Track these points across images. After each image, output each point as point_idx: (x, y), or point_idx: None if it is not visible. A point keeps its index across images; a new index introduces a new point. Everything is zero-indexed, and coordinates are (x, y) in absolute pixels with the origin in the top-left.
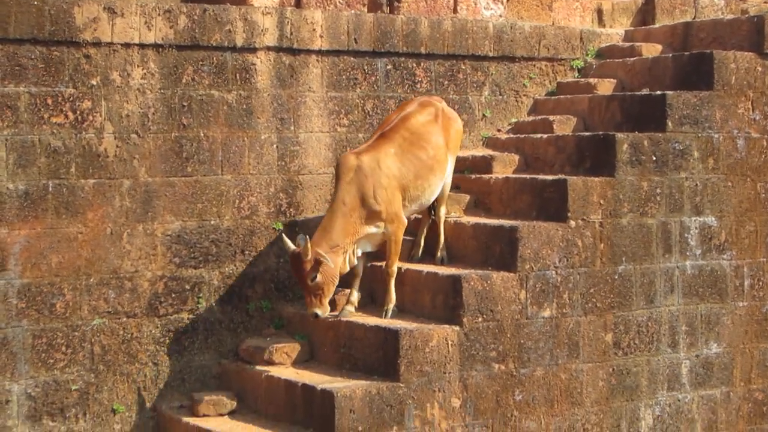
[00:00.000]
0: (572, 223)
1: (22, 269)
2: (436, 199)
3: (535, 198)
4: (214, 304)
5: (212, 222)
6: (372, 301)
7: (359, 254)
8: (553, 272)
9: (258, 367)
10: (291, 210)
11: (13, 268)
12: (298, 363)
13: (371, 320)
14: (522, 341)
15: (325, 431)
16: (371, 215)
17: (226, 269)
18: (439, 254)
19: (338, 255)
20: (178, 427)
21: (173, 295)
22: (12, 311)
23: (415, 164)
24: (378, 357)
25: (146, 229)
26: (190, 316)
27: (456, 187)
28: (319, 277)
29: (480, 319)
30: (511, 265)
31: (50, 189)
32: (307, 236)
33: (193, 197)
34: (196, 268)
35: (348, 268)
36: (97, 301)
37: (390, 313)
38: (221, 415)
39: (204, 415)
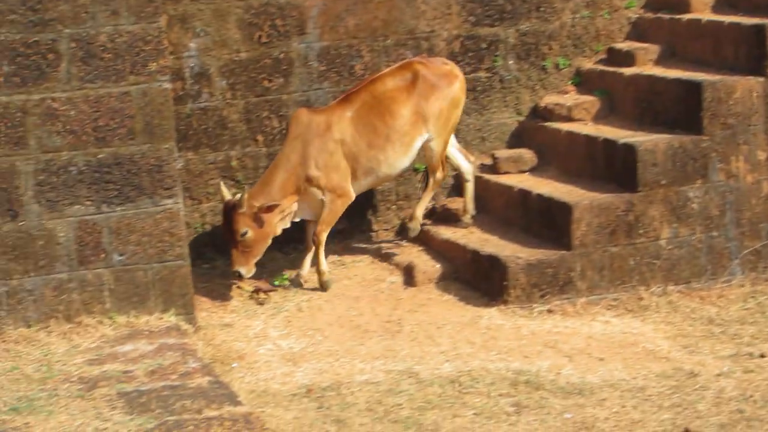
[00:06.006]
0: None
1: (320, 32)
2: (430, 165)
3: None
4: (510, 62)
5: None
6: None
7: (297, 220)
8: None
9: (557, 124)
10: None
11: (312, 31)
12: (598, 118)
13: (672, 73)
14: None
15: (627, 185)
16: (310, 179)
17: (522, 26)
18: (464, 219)
19: (275, 214)
20: (480, 184)
21: (470, 54)
22: (313, 74)
23: (369, 132)
24: (680, 110)
25: None
26: (487, 74)
27: None
28: (250, 233)
29: None
30: None
31: None
32: (246, 187)
33: None
34: (492, 26)
35: (280, 231)
36: (395, 62)
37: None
38: (522, 171)
39: (505, 172)
